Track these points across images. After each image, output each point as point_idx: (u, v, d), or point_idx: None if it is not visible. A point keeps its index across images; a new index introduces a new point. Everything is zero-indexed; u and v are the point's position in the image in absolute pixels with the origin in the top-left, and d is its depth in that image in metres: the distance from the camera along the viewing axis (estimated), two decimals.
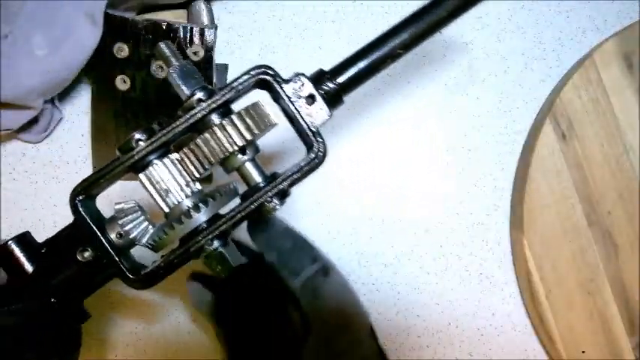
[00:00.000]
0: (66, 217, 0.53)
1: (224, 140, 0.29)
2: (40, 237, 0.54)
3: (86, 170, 0.54)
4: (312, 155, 0.31)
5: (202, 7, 0.53)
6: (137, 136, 0.29)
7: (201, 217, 0.30)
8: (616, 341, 0.53)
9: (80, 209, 0.30)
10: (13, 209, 0.54)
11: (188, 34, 0.49)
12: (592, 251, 0.54)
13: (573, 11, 0.61)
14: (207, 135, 0.29)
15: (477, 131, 0.58)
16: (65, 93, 0.54)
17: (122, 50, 0.49)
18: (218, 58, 0.56)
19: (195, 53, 0.49)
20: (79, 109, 0.55)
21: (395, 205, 0.56)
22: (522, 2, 0.60)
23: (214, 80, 0.51)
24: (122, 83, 0.50)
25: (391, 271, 0.56)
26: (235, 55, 0.57)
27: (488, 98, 0.59)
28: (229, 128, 0.29)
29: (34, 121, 0.51)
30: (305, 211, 0.55)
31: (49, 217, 0.54)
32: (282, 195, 0.31)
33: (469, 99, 0.58)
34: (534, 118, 0.58)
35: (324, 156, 0.31)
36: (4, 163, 0.55)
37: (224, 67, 0.56)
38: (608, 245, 0.55)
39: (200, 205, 0.29)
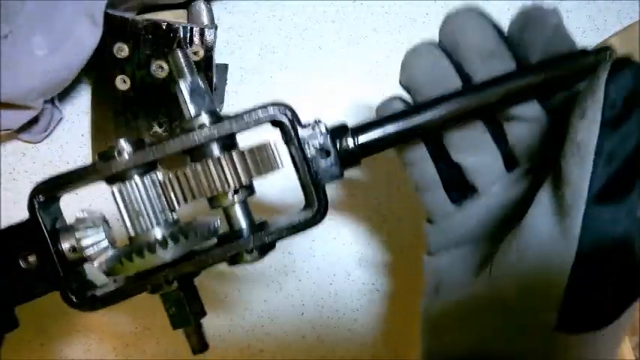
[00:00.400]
0: (65, 218, 0.53)
1: (216, 178, 0.26)
2: None
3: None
4: (309, 214, 0.27)
5: (202, 7, 0.54)
6: (122, 145, 0.26)
7: (166, 255, 0.26)
8: None
9: (36, 210, 0.27)
10: (13, 209, 0.54)
11: (188, 34, 0.49)
12: None
13: (573, 11, 0.61)
14: (198, 167, 0.26)
15: None
16: (65, 93, 0.54)
17: (122, 50, 0.49)
18: (218, 58, 0.56)
19: (195, 53, 0.49)
20: (79, 109, 0.55)
21: (395, 205, 0.56)
22: (522, 2, 0.60)
23: (214, 80, 0.51)
24: (122, 83, 0.50)
25: (391, 271, 0.56)
26: (235, 55, 0.57)
27: None
28: (226, 167, 0.26)
29: (34, 121, 0.51)
30: None
31: None
32: (265, 248, 0.27)
33: None
34: None
35: (323, 217, 0.27)
36: (4, 163, 0.55)
37: (224, 67, 0.56)
38: None
39: (169, 240, 0.25)
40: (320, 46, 0.57)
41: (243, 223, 0.28)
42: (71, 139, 0.55)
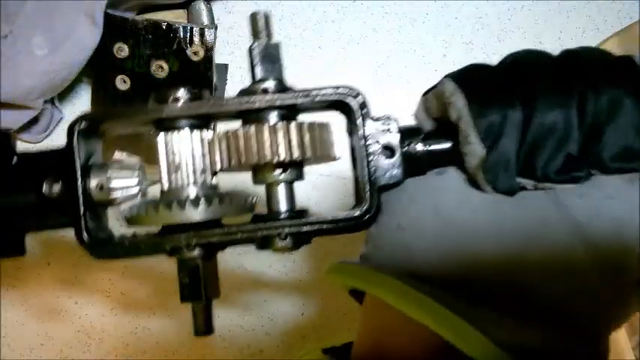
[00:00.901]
0: None
1: (267, 144, 0.24)
2: (40, 237, 0.54)
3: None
4: (357, 213, 0.25)
5: (202, 7, 0.54)
6: (180, 93, 0.25)
7: (194, 215, 0.24)
8: (616, 341, 0.53)
9: (74, 137, 0.25)
10: None
11: (188, 34, 0.49)
12: None
13: (573, 11, 0.61)
14: (251, 129, 0.24)
15: None
16: (65, 93, 0.54)
17: (122, 50, 0.49)
18: (218, 58, 0.56)
19: (195, 53, 0.49)
20: (79, 109, 0.55)
21: None
22: (522, 2, 0.60)
23: (214, 80, 0.51)
24: (122, 83, 0.50)
25: None
26: (235, 55, 0.57)
27: None
28: (280, 135, 0.24)
29: (34, 121, 0.51)
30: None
31: None
32: (300, 240, 0.26)
33: None
34: None
35: (372, 220, 0.25)
36: None
37: (224, 67, 0.56)
38: None
39: (202, 200, 0.24)
40: (320, 46, 0.57)
41: (283, 204, 0.26)
42: None
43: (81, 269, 0.50)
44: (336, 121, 0.26)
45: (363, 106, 0.26)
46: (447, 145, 0.25)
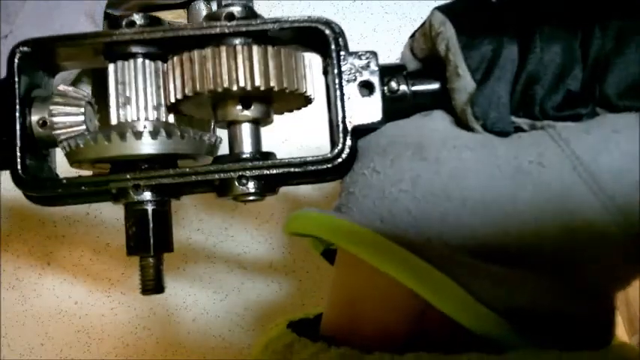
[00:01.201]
0: (65, 218, 0.54)
1: (224, 69, 0.20)
2: (40, 237, 0.54)
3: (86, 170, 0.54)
4: (328, 156, 0.22)
5: (202, 7, 0.53)
6: (135, 18, 0.21)
7: (140, 147, 0.20)
8: (616, 341, 0.53)
9: (15, 64, 0.22)
10: (14, 209, 0.54)
11: None
12: None
13: None
14: (208, 52, 0.20)
15: None
16: None
17: None
18: None
19: None
20: None
21: None
22: None
23: None
24: None
25: None
26: None
27: None
28: (240, 58, 0.20)
29: None
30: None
31: (49, 217, 0.54)
32: (265, 187, 0.22)
33: None
34: None
35: (345, 167, 0.22)
36: None
37: None
38: None
39: (145, 132, 0.21)
40: None
41: (247, 146, 0.22)
42: None
43: (81, 269, 0.50)
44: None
45: (339, 36, 0.23)
46: (433, 84, 0.22)
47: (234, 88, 0.20)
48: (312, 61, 0.24)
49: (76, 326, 0.54)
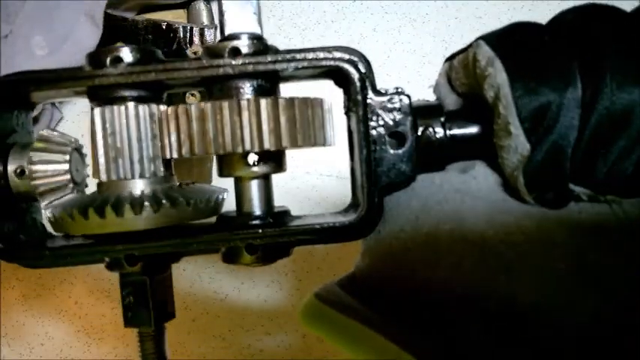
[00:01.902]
0: None
1: (227, 129, 0.16)
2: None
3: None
4: (351, 220, 0.18)
5: (202, 7, 0.53)
6: (123, 53, 0.17)
7: (137, 222, 0.17)
8: None
9: None
10: None
11: (188, 34, 0.49)
12: None
13: None
14: (208, 107, 0.17)
15: None
16: None
17: None
18: None
19: (195, 53, 0.49)
20: (79, 109, 0.55)
21: None
22: (522, 2, 0.60)
23: None
24: None
25: None
26: None
27: None
28: (246, 115, 0.16)
29: (34, 120, 0.51)
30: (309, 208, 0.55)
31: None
32: (276, 252, 0.18)
33: None
34: None
35: (369, 230, 0.19)
36: None
37: None
38: None
39: (146, 204, 0.17)
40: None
41: (257, 206, 0.19)
42: None
43: (81, 269, 0.49)
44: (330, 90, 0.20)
45: (366, 77, 0.19)
46: (475, 129, 0.18)
47: (239, 150, 0.17)
48: (333, 99, 0.20)
49: (76, 326, 0.54)
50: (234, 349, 0.53)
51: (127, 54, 0.17)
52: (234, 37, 0.17)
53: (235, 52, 0.17)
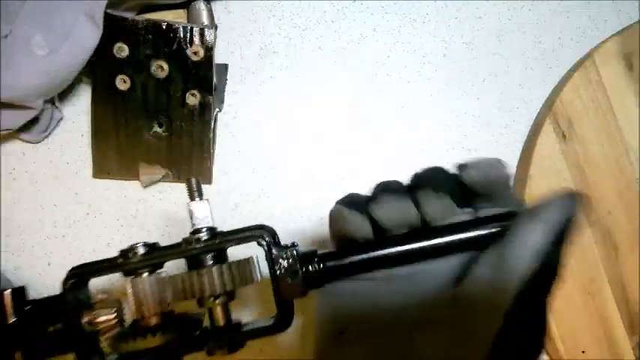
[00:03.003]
0: (65, 218, 0.54)
1: (206, 284, 0.32)
2: (40, 237, 0.54)
3: (86, 170, 0.54)
4: (273, 322, 0.33)
5: (202, 7, 0.54)
6: (139, 249, 0.34)
7: (156, 341, 0.33)
8: (616, 341, 0.53)
9: (67, 291, 0.35)
10: (14, 209, 0.54)
11: (188, 34, 0.49)
12: (592, 251, 0.54)
13: (573, 11, 0.61)
14: (193, 274, 0.32)
15: (477, 131, 0.58)
16: (65, 93, 0.54)
17: (122, 50, 0.49)
18: (218, 58, 0.56)
19: (195, 53, 0.49)
20: (79, 109, 0.55)
21: None
22: (522, 2, 0.60)
23: (214, 80, 0.51)
24: (122, 83, 0.50)
25: None
26: (235, 55, 0.57)
27: (488, 98, 0.59)
28: (214, 275, 0.32)
29: (34, 121, 0.51)
30: (308, 208, 0.55)
31: (49, 217, 0.54)
32: (235, 346, 0.34)
33: (469, 99, 0.58)
34: (534, 118, 0.58)
35: (284, 328, 0.33)
36: (4, 163, 0.55)
37: (224, 67, 0.56)
38: (608, 245, 0.55)
39: (160, 328, 0.33)
40: (320, 47, 0.57)
41: (221, 321, 0.34)
42: (71, 139, 0.55)
43: None
44: None
45: (271, 241, 0.34)
46: (339, 263, 0.32)
47: (206, 295, 0.32)
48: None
49: None
50: None
51: (140, 249, 0.33)
52: (198, 231, 0.33)
53: (198, 240, 0.33)
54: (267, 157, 0.55)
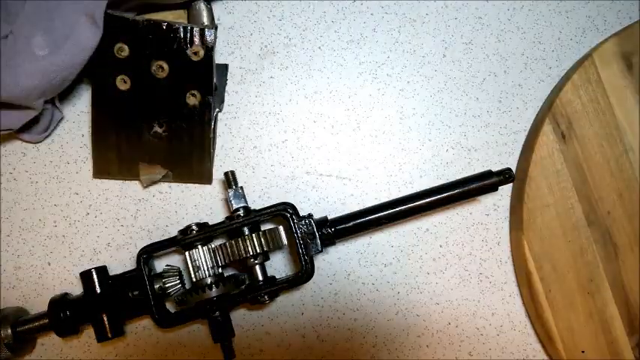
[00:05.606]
0: (65, 218, 0.54)
1: (243, 249, 0.44)
2: (40, 237, 0.54)
3: (86, 170, 0.54)
4: (299, 274, 0.45)
5: (202, 7, 0.54)
6: (193, 226, 0.45)
7: (213, 293, 0.44)
8: (616, 341, 0.53)
9: (141, 264, 0.46)
10: (14, 209, 0.54)
11: (188, 34, 0.49)
12: (592, 251, 0.54)
13: (573, 11, 0.61)
14: (235, 241, 0.45)
15: (477, 131, 0.58)
16: (65, 93, 0.54)
17: (122, 50, 0.49)
18: (218, 58, 0.56)
19: (195, 53, 0.49)
20: (79, 109, 0.55)
21: None
22: (522, 2, 0.60)
23: (214, 80, 0.51)
24: (122, 83, 0.50)
25: (391, 271, 0.56)
26: (235, 55, 0.57)
27: (488, 98, 0.59)
28: (249, 242, 0.44)
29: (34, 121, 0.51)
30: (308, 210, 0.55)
31: (50, 217, 0.54)
32: (273, 295, 0.46)
33: (469, 99, 0.58)
34: (534, 118, 0.58)
35: (308, 278, 0.46)
36: (4, 163, 0.55)
37: (224, 67, 0.56)
38: (608, 245, 0.55)
39: (213, 286, 0.44)
40: (320, 47, 0.57)
41: (260, 277, 0.46)
42: (71, 139, 0.55)
43: (81, 269, 0.49)
44: None
45: (293, 213, 0.46)
46: (345, 224, 0.47)
47: (246, 256, 0.46)
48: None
49: None
50: (234, 349, 0.53)
51: (194, 227, 0.46)
52: (237, 210, 0.47)
53: (238, 217, 0.47)
54: (267, 157, 0.55)
